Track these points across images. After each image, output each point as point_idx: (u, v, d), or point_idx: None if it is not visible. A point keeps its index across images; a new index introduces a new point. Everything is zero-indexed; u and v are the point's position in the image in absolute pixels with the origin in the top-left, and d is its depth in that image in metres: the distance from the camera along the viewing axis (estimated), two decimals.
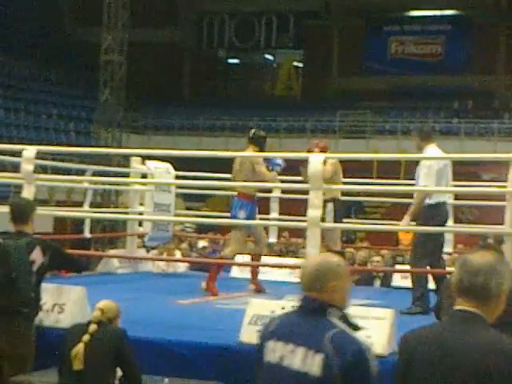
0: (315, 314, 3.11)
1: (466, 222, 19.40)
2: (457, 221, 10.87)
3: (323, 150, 9.00)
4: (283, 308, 5.84)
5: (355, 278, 10.22)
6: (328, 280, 3.13)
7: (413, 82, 33.06)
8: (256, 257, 9.23)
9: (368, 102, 31.38)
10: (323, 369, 2.97)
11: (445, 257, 11.90)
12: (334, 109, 30.52)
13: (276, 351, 3.11)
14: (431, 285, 7.59)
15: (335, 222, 8.80)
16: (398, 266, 11.96)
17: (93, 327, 4.99)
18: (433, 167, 7.47)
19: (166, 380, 5.26)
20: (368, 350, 3.04)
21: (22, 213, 5.61)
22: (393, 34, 34.52)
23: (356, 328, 3.13)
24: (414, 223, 7.56)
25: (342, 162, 9.23)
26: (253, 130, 9.18)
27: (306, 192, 6.90)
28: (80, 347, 4.90)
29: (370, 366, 3.01)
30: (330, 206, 8.83)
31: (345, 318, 3.13)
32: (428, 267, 7.52)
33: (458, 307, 3.00)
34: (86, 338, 4.94)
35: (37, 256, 5.42)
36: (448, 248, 10.29)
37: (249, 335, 5.71)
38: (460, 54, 33.19)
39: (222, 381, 5.36)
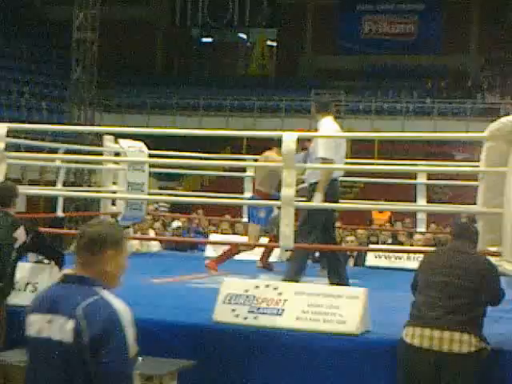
0: (81, 283, 3.05)
1: (438, 202, 19.49)
2: (430, 201, 10.92)
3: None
4: (257, 287, 5.86)
5: None
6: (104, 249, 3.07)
7: (386, 61, 33.08)
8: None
9: (342, 81, 31.36)
10: (74, 336, 2.92)
11: (418, 236, 12.01)
12: (307, 88, 30.47)
13: (35, 324, 3.04)
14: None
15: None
16: (372, 246, 12.02)
17: None
18: (329, 140, 7.22)
19: (140, 358, 5.24)
20: (122, 318, 2.97)
21: (4, 197, 5.77)
22: (366, 12, 34.46)
23: None
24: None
25: None
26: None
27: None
28: None
29: (122, 336, 2.93)
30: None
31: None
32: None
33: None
34: None
35: (20, 234, 5.58)
36: (422, 228, 10.36)
37: (223, 314, 5.72)
38: (433, 33, 33.20)
39: (196, 359, 5.36)
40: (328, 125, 7.40)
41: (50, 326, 3.00)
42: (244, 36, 38.23)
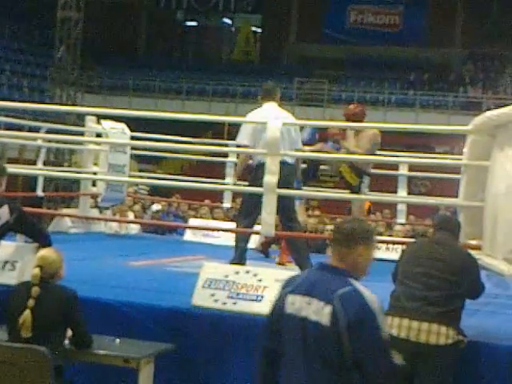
0: (336, 273, 3.49)
1: (418, 193, 19.57)
2: (410, 192, 10.95)
3: (351, 118, 8.56)
4: (237, 273, 5.85)
5: None
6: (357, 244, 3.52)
7: (370, 51, 33.06)
8: None
9: (325, 70, 31.34)
10: (332, 320, 3.36)
11: (398, 227, 12.05)
12: (291, 75, 30.43)
13: (295, 303, 3.48)
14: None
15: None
16: None
17: (35, 290, 4.88)
18: (247, 126, 7.25)
19: (118, 340, 5.24)
20: (376, 311, 3.40)
21: None
22: (352, 2, 34.44)
23: None
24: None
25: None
26: None
27: None
28: (27, 314, 4.81)
29: (376, 327, 3.38)
30: (367, 179, 8.59)
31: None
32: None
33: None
34: (30, 303, 4.85)
35: (3, 213, 5.44)
36: (401, 219, 10.39)
37: (202, 299, 5.71)
38: (418, 25, 33.22)
39: (174, 343, 5.35)
40: (256, 112, 7.42)
41: (308, 307, 3.44)
42: (229, 21, 38.10)
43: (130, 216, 12.38)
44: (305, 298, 3.46)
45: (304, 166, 8.43)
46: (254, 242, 9.59)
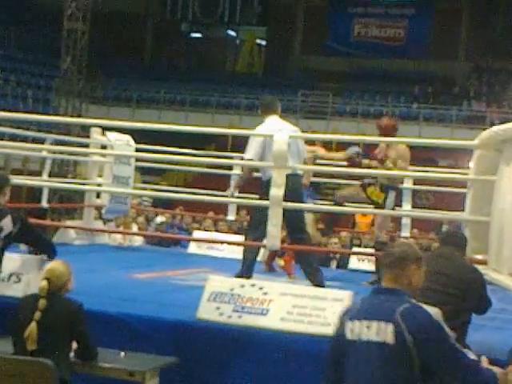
0: (392, 294, 3.64)
1: (421, 206, 19.53)
2: (414, 206, 10.93)
3: (385, 132, 8.50)
4: (242, 286, 5.84)
5: None
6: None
7: (375, 64, 33.09)
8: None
9: (330, 82, 31.37)
10: (395, 337, 3.48)
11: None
12: (295, 88, 30.46)
13: (355, 329, 3.60)
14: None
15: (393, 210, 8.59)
16: (355, 249, 12.04)
17: (42, 303, 4.87)
18: (256, 140, 7.24)
19: (122, 353, 5.23)
20: (438, 320, 3.61)
21: None
22: (357, 15, 34.49)
23: None
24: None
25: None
26: None
27: None
28: (33, 327, 4.80)
29: (445, 336, 3.55)
30: (393, 194, 8.53)
31: None
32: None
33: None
34: (37, 315, 4.84)
35: (6, 224, 5.39)
36: (406, 232, 10.38)
37: (207, 312, 5.70)
38: (422, 38, 33.25)
39: (179, 357, 5.34)
40: (269, 124, 7.41)
41: (368, 330, 3.56)
42: (233, 33, 38.18)
43: (134, 228, 12.36)
44: (363, 322, 3.58)
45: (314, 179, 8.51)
46: (261, 255, 9.59)
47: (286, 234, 7.68)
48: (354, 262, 10.27)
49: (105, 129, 10.54)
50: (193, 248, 11.05)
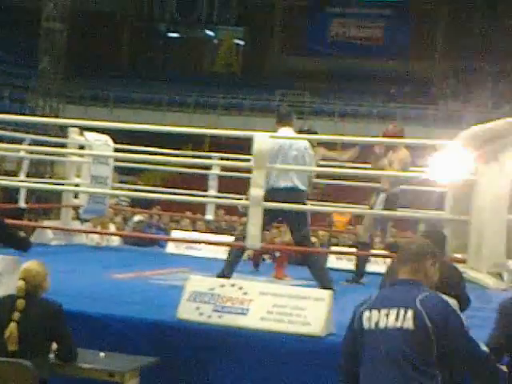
0: (411, 284, 3.76)
1: (399, 206, 19.55)
2: None
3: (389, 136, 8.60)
4: (222, 286, 5.83)
5: None
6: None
7: (352, 64, 33.15)
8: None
9: (307, 82, 31.40)
10: (415, 322, 3.58)
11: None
12: (273, 88, 30.49)
13: (372, 318, 3.68)
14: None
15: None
16: (333, 248, 12.05)
17: (20, 303, 4.84)
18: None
19: (102, 354, 5.20)
20: (455, 309, 3.79)
21: None
22: (335, 16, 34.57)
23: None
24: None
25: None
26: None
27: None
28: (12, 328, 4.76)
29: (461, 322, 3.69)
30: (383, 196, 8.63)
31: None
32: None
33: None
34: (16, 316, 4.81)
35: None
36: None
37: (187, 312, 5.68)
38: (399, 39, 33.41)
39: (159, 357, 5.31)
40: (274, 135, 7.35)
41: (386, 318, 3.65)
42: (211, 33, 38.14)
43: (112, 228, 12.30)
44: (382, 310, 3.68)
45: None
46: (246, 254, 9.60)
47: (290, 238, 7.72)
48: (333, 261, 10.26)
49: (83, 129, 10.49)
50: (171, 248, 11.02)
